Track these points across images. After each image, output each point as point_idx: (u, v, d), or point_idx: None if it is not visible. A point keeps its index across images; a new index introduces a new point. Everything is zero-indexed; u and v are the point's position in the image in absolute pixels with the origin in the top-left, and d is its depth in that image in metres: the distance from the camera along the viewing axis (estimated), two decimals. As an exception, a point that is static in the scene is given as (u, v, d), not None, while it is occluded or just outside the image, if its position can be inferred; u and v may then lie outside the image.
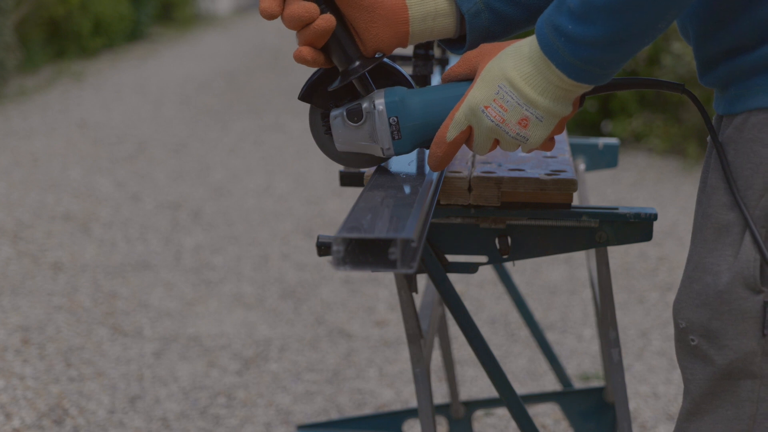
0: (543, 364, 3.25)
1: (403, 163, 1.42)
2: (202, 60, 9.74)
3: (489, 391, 3.07)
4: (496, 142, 1.27)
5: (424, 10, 1.31)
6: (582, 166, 2.25)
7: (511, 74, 1.21)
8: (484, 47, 1.27)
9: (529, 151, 1.26)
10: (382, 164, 1.42)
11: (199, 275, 4.01)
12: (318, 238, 1.30)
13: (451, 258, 1.48)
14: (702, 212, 1.26)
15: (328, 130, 1.35)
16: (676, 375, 3.20)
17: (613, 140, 2.27)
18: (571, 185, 1.41)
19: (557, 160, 1.53)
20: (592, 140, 2.26)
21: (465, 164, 1.48)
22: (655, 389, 3.11)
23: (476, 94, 1.24)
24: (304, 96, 1.34)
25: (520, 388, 3.08)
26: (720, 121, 1.29)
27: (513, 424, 2.86)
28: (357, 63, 1.29)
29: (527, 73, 1.20)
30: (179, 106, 7.45)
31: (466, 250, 1.47)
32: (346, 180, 1.75)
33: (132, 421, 2.85)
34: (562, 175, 1.42)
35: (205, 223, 4.69)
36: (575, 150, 2.23)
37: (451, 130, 1.26)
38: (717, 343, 1.22)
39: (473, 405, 2.54)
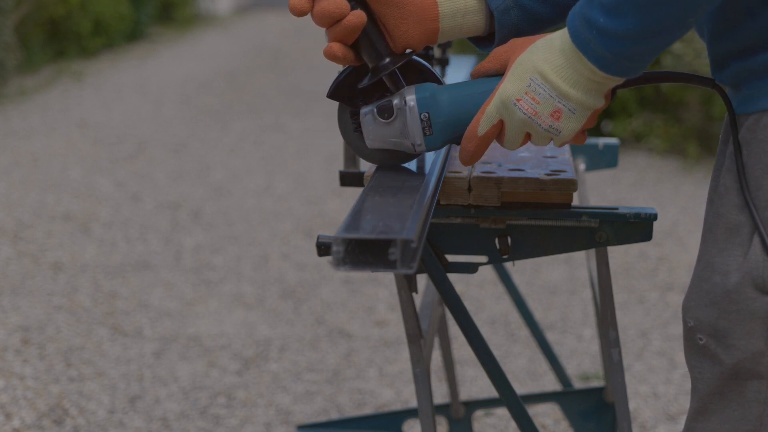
0: (543, 364, 3.25)
1: (403, 164, 1.42)
2: (202, 60, 9.74)
3: (489, 391, 3.07)
4: (528, 137, 1.27)
5: (453, 7, 1.31)
6: (582, 166, 2.25)
7: (543, 67, 1.21)
8: (515, 41, 1.27)
9: (560, 145, 1.26)
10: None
11: (199, 275, 4.01)
12: (318, 238, 1.30)
13: (451, 258, 1.48)
14: (714, 212, 1.26)
15: (358, 128, 1.35)
16: (676, 375, 3.20)
17: (613, 140, 2.27)
18: (571, 185, 1.41)
19: (557, 160, 1.53)
20: (592, 140, 2.26)
21: (465, 164, 1.48)
22: (655, 389, 3.11)
23: (508, 87, 1.23)
24: (333, 94, 1.34)
25: (520, 388, 3.08)
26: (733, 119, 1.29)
27: (513, 424, 2.86)
28: (387, 60, 1.29)
29: (559, 66, 1.20)
30: (179, 106, 7.45)
31: (466, 250, 1.47)
32: (346, 180, 1.75)
33: (132, 421, 2.85)
34: (562, 175, 1.42)
35: (205, 223, 4.69)
36: (575, 150, 2.23)
37: (482, 124, 1.26)
38: (724, 343, 1.22)
39: (473, 405, 2.54)
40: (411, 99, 1.29)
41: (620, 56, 1.17)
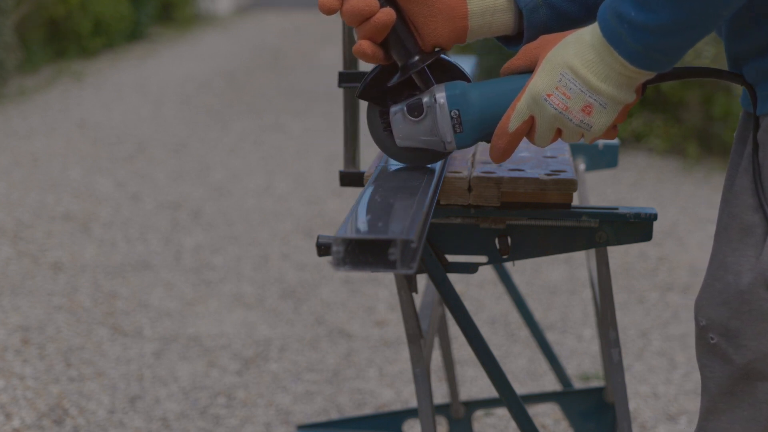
0: (543, 364, 3.25)
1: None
2: (202, 60, 9.74)
3: (489, 391, 3.07)
4: (559, 132, 1.27)
5: (483, 6, 1.31)
6: (582, 166, 2.25)
7: (573, 62, 1.21)
8: (545, 38, 1.27)
9: (591, 141, 1.26)
10: (383, 164, 1.42)
11: (199, 275, 4.01)
12: (318, 239, 1.30)
13: (451, 258, 1.48)
14: (728, 212, 1.26)
15: (387, 127, 1.35)
16: (676, 375, 3.21)
17: (613, 140, 2.27)
18: (571, 185, 1.41)
19: (557, 160, 1.53)
20: (592, 140, 2.25)
21: (465, 164, 1.48)
22: (655, 389, 3.11)
23: (538, 83, 1.23)
24: (363, 94, 1.34)
25: (520, 388, 3.08)
26: (749, 118, 1.28)
27: (513, 424, 2.86)
28: (416, 57, 1.29)
29: (589, 60, 1.20)
30: (179, 106, 7.45)
31: (466, 250, 1.47)
32: (346, 180, 1.75)
33: (132, 421, 2.85)
34: (562, 175, 1.42)
35: (205, 223, 4.69)
36: (575, 150, 2.23)
37: (513, 120, 1.26)
38: (736, 343, 1.22)
39: (473, 405, 2.54)
40: (441, 96, 1.30)
41: (652, 50, 1.16)
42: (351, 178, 1.75)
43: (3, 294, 3.75)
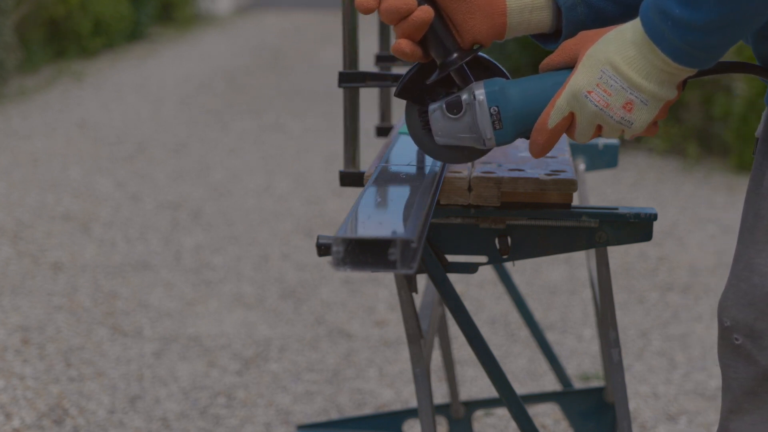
0: (543, 364, 3.25)
1: (403, 163, 1.42)
2: (202, 60, 9.74)
3: (489, 391, 3.06)
4: (599, 129, 1.26)
5: (521, 2, 1.31)
6: (582, 166, 2.25)
7: (615, 58, 1.21)
8: (584, 34, 1.27)
9: (632, 137, 1.26)
10: (383, 164, 1.42)
11: (199, 275, 4.01)
12: (318, 239, 1.30)
13: (451, 258, 1.48)
14: (754, 212, 1.25)
15: (426, 126, 1.35)
16: (676, 375, 3.21)
17: (613, 140, 2.27)
18: (571, 185, 1.41)
19: (557, 160, 1.54)
20: (592, 140, 2.25)
21: (465, 164, 1.48)
22: (655, 389, 3.11)
23: (579, 79, 1.23)
24: (401, 93, 1.34)
25: (520, 388, 3.08)
26: None
27: (513, 424, 2.86)
28: (455, 55, 1.29)
29: (631, 57, 1.20)
30: (179, 106, 7.45)
31: (466, 250, 1.47)
32: (346, 180, 1.75)
33: (132, 421, 2.85)
34: (562, 175, 1.42)
35: (205, 223, 4.69)
36: (575, 150, 2.23)
37: (552, 116, 1.25)
38: (761, 344, 1.22)
39: (473, 405, 2.54)
40: (480, 93, 1.30)
41: (694, 47, 1.16)
42: (351, 178, 1.75)
43: (3, 294, 3.75)
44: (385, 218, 1.15)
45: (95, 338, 3.39)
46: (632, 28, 1.21)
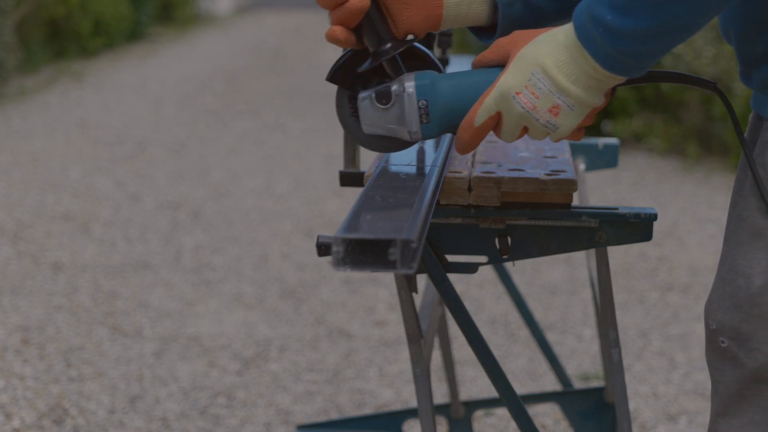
0: (543, 364, 3.25)
1: (403, 163, 1.42)
2: (202, 60, 9.74)
3: (489, 391, 3.07)
4: (525, 130, 1.26)
5: None
6: (582, 166, 2.25)
7: (545, 61, 1.20)
8: (518, 34, 1.26)
9: (557, 140, 1.25)
10: (383, 164, 1.42)
11: (199, 275, 4.01)
12: (318, 239, 1.29)
13: (451, 258, 1.48)
14: (737, 215, 1.25)
15: (355, 113, 1.34)
16: (676, 375, 3.21)
17: (613, 140, 2.27)
18: (571, 185, 1.41)
19: (557, 160, 1.53)
20: (592, 140, 2.26)
21: (465, 164, 1.48)
22: (655, 389, 3.11)
23: (508, 80, 1.22)
24: (333, 77, 1.33)
25: (520, 388, 3.08)
26: (760, 121, 1.27)
27: (513, 424, 2.86)
28: (388, 45, 1.28)
29: (561, 61, 1.19)
30: (179, 106, 7.45)
31: (466, 250, 1.47)
32: (346, 180, 1.75)
33: (132, 421, 2.85)
34: (562, 175, 1.42)
35: (205, 223, 4.69)
36: (575, 150, 2.23)
37: (479, 115, 1.25)
38: (747, 347, 1.22)
39: (473, 405, 2.54)
40: (410, 86, 1.28)
41: (625, 55, 1.15)
42: (351, 178, 1.75)
43: (3, 294, 3.75)
44: (384, 218, 1.15)
45: (95, 338, 3.39)
46: (565, 32, 1.20)
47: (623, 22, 1.13)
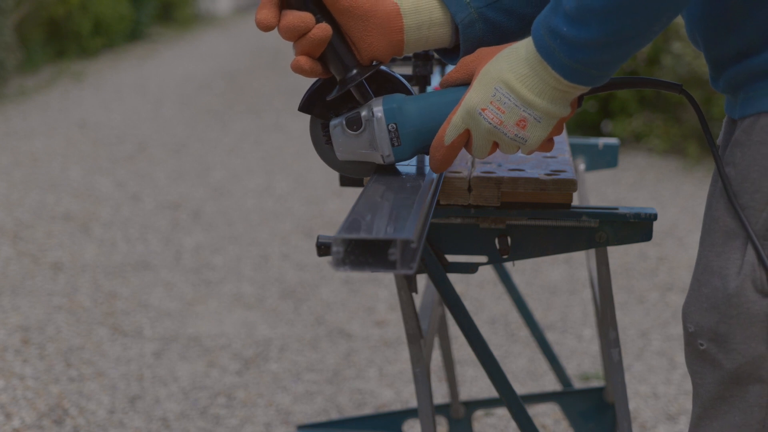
0: (543, 364, 3.25)
1: (403, 164, 1.42)
2: (202, 60, 9.74)
3: (489, 391, 3.07)
4: (495, 145, 1.27)
5: (418, 20, 1.31)
6: (582, 166, 2.25)
7: (507, 76, 1.21)
8: (481, 51, 1.27)
9: (529, 153, 1.26)
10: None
11: (199, 275, 4.01)
12: (318, 239, 1.30)
13: (451, 258, 1.48)
14: (710, 216, 1.25)
15: (329, 140, 1.35)
16: (676, 375, 3.21)
17: (613, 140, 2.27)
18: (571, 185, 1.41)
19: (557, 160, 1.53)
20: (592, 140, 2.26)
21: (465, 164, 1.48)
22: (655, 389, 3.11)
23: (473, 97, 1.23)
24: (304, 107, 1.35)
25: (520, 388, 3.08)
26: (734, 124, 1.28)
27: (513, 424, 2.86)
28: (354, 71, 1.29)
29: (523, 75, 1.20)
30: (179, 106, 7.45)
31: (466, 250, 1.47)
32: (346, 180, 1.75)
33: (132, 421, 2.85)
34: (562, 175, 1.42)
35: (205, 223, 4.69)
36: (575, 150, 2.23)
37: (448, 133, 1.25)
38: (725, 348, 1.22)
39: (473, 405, 2.54)
40: (378, 110, 1.29)
41: (585, 65, 1.16)
42: (351, 178, 1.75)
43: (3, 294, 3.75)
44: (385, 218, 1.15)
45: (95, 338, 3.39)
46: (525, 46, 1.21)
47: (578, 32, 1.14)
